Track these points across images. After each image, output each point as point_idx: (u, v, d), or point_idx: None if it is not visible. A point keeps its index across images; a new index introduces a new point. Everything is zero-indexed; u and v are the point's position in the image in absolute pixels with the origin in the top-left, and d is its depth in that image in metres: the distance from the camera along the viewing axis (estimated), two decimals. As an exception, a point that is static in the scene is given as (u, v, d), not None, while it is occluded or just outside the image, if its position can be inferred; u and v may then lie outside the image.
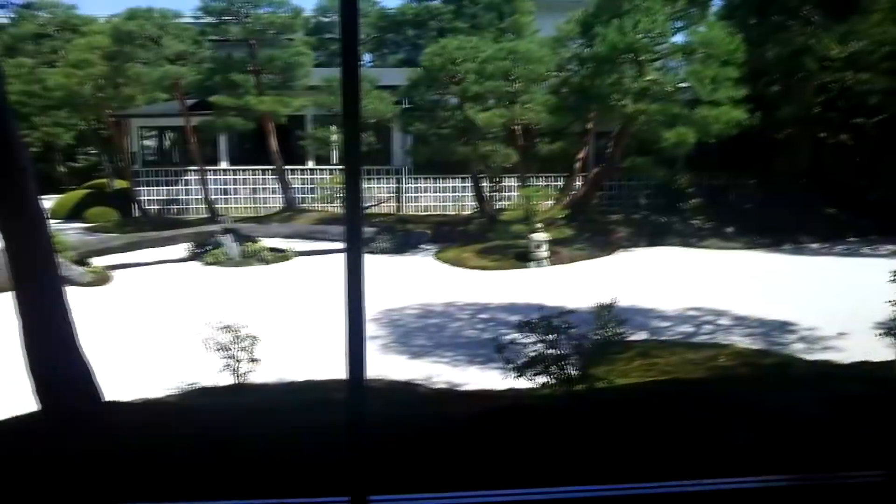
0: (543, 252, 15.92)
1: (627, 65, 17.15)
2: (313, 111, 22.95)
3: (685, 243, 18.63)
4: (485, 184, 21.24)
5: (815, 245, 18.22)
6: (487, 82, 18.11)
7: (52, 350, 5.63)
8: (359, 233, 3.41)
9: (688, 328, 10.68)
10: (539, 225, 16.07)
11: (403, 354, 9.66)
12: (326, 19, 29.27)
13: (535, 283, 14.36)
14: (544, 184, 21.03)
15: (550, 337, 6.89)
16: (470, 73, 18.33)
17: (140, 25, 21.44)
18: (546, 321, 6.90)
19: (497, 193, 21.52)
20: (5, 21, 29.20)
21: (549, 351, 6.87)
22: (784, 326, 10.37)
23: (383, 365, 8.95)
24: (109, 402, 5.97)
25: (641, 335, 9.94)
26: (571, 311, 7.08)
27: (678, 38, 18.07)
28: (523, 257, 16.00)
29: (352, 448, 3.02)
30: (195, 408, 6.63)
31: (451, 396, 7.34)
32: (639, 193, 22.67)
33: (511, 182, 21.82)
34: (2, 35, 29.04)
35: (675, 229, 19.37)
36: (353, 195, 3.39)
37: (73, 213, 24.24)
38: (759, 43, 18.58)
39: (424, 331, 10.81)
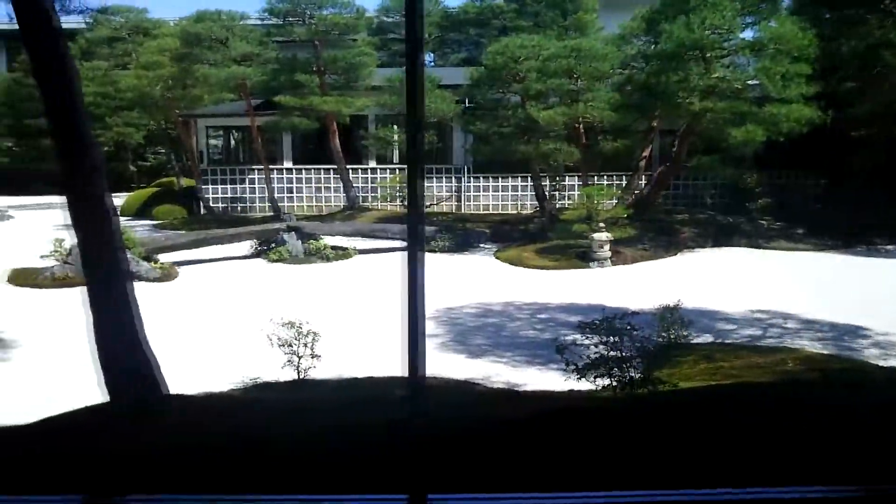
0: (605, 252, 15.70)
1: (694, 62, 16.79)
2: (375, 111, 23.11)
3: (752, 244, 18.13)
4: (545, 183, 21.07)
5: (890, 247, 17.52)
6: (550, 80, 17.95)
7: (120, 343, 5.79)
8: (420, 232, 3.40)
9: (754, 331, 10.39)
10: (601, 224, 15.84)
11: (461, 354, 9.64)
12: (389, 19, 29.39)
13: (597, 283, 14.17)
14: (607, 183, 20.76)
15: (613, 339, 6.79)
16: (532, 71, 18.20)
17: (208, 28, 21.92)
18: (608, 322, 6.80)
19: (558, 192, 21.31)
20: (82, 26, 30.20)
21: (612, 353, 6.78)
22: (856, 331, 9.99)
23: (441, 364, 8.94)
24: (173, 395, 6.11)
25: (706, 338, 9.71)
26: (635, 313, 6.97)
27: (747, 34, 17.63)
28: (584, 257, 15.81)
29: (411, 446, 3.01)
30: (256, 402, 6.72)
31: (511, 397, 7.28)
32: (705, 193, 22.18)
33: (572, 181, 21.60)
34: (78, 40, 30.05)
35: (742, 230, 18.87)
36: (414, 195, 3.39)
37: (142, 211, 24.94)
38: (833, 38, 17.97)
39: (483, 330, 10.77)
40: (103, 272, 5.69)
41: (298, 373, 8.20)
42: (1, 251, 17.46)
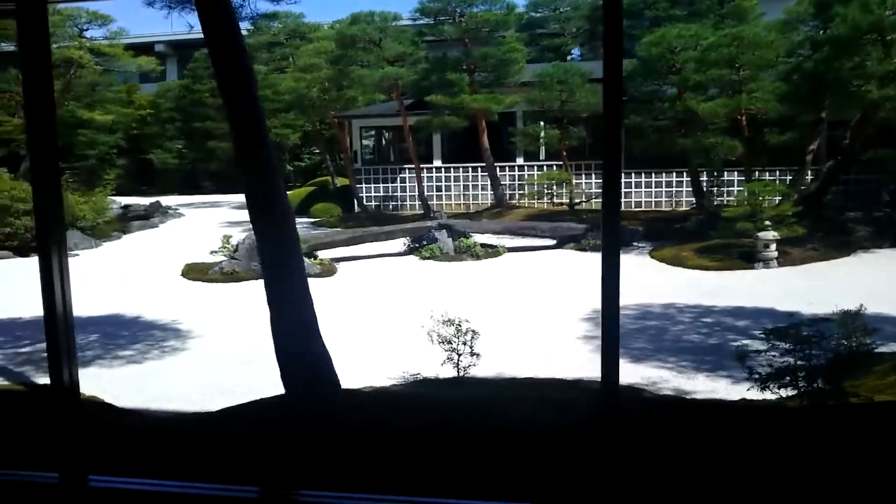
0: (772, 252, 14.77)
1: (871, 46, 15.52)
2: (524, 107, 22.95)
3: (937, 244, 16.53)
4: (703, 178, 20.16)
5: None
6: (710, 71, 17.14)
7: (297, 339, 5.95)
8: (616, 234, 3.22)
9: (950, 341, 9.40)
10: (767, 223, 14.93)
11: (623, 357, 9.29)
12: (538, 14, 29.16)
13: (763, 285, 13.34)
14: (771, 178, 19.58)
15: (793, 346, 6.31)
16: (690, 61, 17.45)
17: (362, 29, 22.51)
18: (791, 329, 6.33)
19: (717, 188, 20.31)
20: (244, 33, 31.83)
21: (794, 361, 6.30)
22: None
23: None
24: (345, 389, 6.23)
25: (892, 347, 8.87)
26: (825, 319, 6.47)
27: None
28: (748, 257, 14.95)
29: (602, 449, 2.85)
30: (422, 398, 6.76)
31: (684, 404, 6.93)
32: (881, 189, 20.45)
33: (732, 176, 20.52)
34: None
35: (926, 228, 17.24)
36: (611, 194, 3.21)
37: (300, 209, 25.97)
38: None
39: (644, 333, 10.37)
40: (282, 269, 5.88)
41: (458, 370, 8.21)
42: (175, 247, 18.72)
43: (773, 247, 14.81)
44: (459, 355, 8.13)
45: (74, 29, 24.82)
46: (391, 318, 11.33)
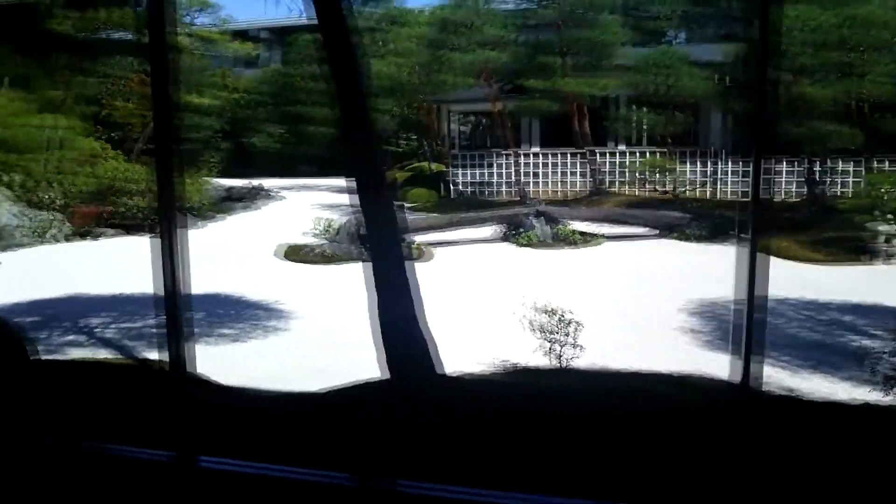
0: (894, 247, 13.89)
1: None
2: (622, 91, 22.33)
3: None
4: (816, 167, 19.16)
5: None
6: (822, 53, 16.20)
7: (399, 321, 5.90)
8: (760, 224, 2.99)
9: None
10: (889, 216, 14.03)
11: (727, 353, 8.90)
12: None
13: (883, 281, 12.56)
14: (892, 168, 18.41)
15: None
16: (801, 43, 16.54)
17: (458, 13, 22.37)
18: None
19: (830, 178, 19.26)
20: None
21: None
22: None
23: (707, 362, 8.33)
24: (448, 375, 6.15)
25: None
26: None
27: None
28: (865, 252, 14.10)
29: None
30: (530, 386, 6.61)
31: (804, 405, 6.54)
32: None
33: (847, 166, 19.42)
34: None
35: None
36: (757, 182, 2.99)
37: (396, 195, 26.21)
38: None
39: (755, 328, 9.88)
40: (387, 252, 5.83)
41: (557, 360, 8.02)
42: (275, 228, 19.15)
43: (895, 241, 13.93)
44: (562, 346, 7.96)
45: (184, 16, 25.67)
46: (488, 304, 11.21)
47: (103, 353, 9.01)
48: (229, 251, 16.56)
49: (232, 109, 34.77)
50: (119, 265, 14.82)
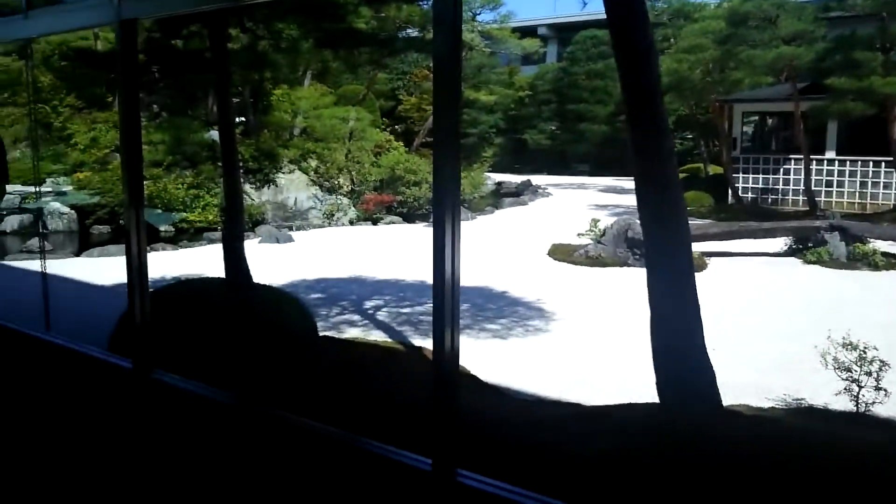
0: None
1: None
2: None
3: None
4: None
5: None
6: None
7: (678, 342, 5.34)
8: None
9: None
10: None
11: None
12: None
13: None
14: None
15: None
16: None
17: (757, 6, 20.69)
18: None
19: None
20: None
21: None
22: None
23: None
24: (728, 409, 5.48)
25: None
26: None
27: None
28: None
29: None
30: (816, 433, 5.71)
31: None
32: None
33: None
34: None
35: None
36: None
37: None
38: None
39: None
40: (671, 261, 5.29)
41: (857, 405, 6.90)
42: (542, 225, 19.08)
43: None
44: (861, 387, 6.85)
45: (468, 13, 26.49)
46: (767, 325, 10.09)
47: (374, 336, 9.38)
48: (496, 244, 16.75)
49: (514, 106, 35.50)
50: (397, 251, 15.64)
